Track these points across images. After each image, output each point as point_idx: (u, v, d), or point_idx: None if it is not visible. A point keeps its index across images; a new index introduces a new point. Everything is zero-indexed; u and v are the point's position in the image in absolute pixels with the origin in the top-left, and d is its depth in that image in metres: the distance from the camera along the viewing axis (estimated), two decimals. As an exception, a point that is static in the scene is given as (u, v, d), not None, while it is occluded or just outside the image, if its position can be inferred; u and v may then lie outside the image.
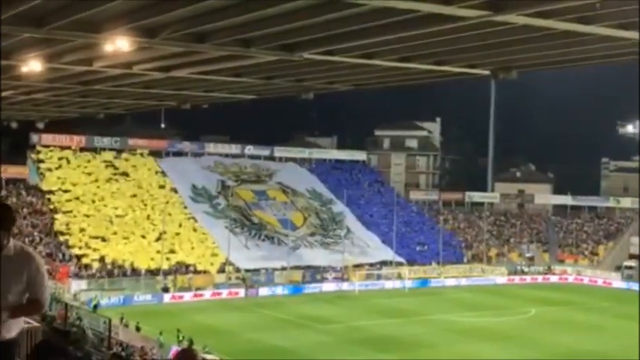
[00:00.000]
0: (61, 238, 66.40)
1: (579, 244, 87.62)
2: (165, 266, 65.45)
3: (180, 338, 43.28)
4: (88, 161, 78.65)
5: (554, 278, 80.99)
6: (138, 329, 47.66)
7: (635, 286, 75.69)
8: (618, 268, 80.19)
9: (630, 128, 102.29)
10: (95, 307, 52.06)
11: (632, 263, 79.80)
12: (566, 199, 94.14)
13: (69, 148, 78.67)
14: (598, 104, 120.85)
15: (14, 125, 59.68)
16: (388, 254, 77.30)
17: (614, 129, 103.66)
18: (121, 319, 47.82)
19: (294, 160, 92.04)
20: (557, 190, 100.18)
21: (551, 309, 63.18)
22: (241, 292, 65.60)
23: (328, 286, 69.80)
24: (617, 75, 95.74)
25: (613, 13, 17.36)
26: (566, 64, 26.79)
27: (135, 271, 64.71)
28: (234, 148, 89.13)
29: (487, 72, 26.23)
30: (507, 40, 20.79)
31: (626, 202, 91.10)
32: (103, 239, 67.64)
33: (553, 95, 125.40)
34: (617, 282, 77.89)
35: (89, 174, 76.91)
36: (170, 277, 64.69)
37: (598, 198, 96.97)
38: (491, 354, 46.32)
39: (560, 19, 17.55)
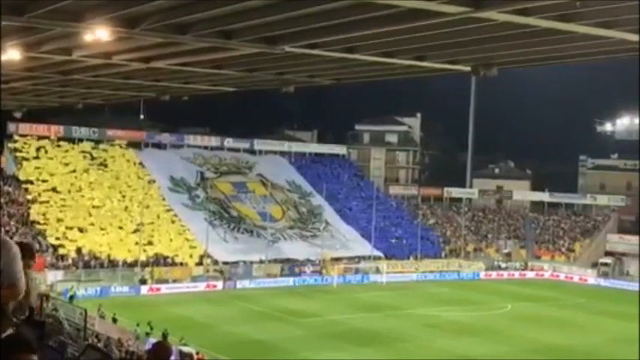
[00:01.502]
0: (38, 228, 65.95)
1: (556, 241, 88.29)
2: (142, 258, 65.17)
3: (151, 330, 43.19)
4: (66, 151, 78.09)
5: (530, 274, 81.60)
6: (114, 321, 47.46)
7: (609, 283, 76.53)
8: (594, 265, 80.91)
9: (608, 126, 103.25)
10: (71, 298, 51.73)
11: (608, 260, 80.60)
12: (544, 196, 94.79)
13: (47, 137, 78.04)
14: (576, 102, 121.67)
15: (-9, 114, 59.12)
16: (366, 248, 77.46)
17: (592, 127, 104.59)
18: (99, 309, 47.59)
19: (274, 152, 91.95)
20: (535, 187, 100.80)
21: (527, 305, 63.67)
22: (219, 284, 65.54)
23: (306, 279, 69.98)
24: (595, 73, 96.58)
25: (593, 12, 17.48)
26: (546, 62, 26.95)
27: (112, 263, 64.40)
28: (213, 141, 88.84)
29: (468, 68, 26.31)
30: (488, 37, 20.86)
31: (603, 200, 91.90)
32: (80, 230, 67.23)
33: (532, 93, 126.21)
34: (593, 279, 78.61)
35: (67, 164, 76.38)
36: (147, 269, 64.47)
37: (575, 195, 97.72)
38: (467, 348, 46.64)
39: (540, 17, 17.64)
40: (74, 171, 75.76)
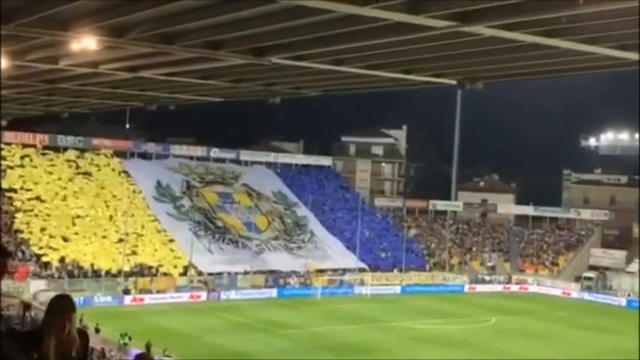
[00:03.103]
0: (22, 237, 65.49)
1: (540, 255, 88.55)
2: (126, 268, 64.80)
3: (129, 340, 43.01)
4: (51, 160, 77.66)
5: (514, 287, 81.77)
6: (97, 331, 47.15)
7: (592, 297, 76.77)
8: (578, 279, 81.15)
9: (592, 141, 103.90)
10: (54, 307, 51.32)
11: (592, 274, 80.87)
12: (528, 210, 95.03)
13: (32, 146, 77.62)
14: (561, 117, 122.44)
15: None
16: (351, 260, 77.41)
17: (577, 142, 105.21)
18: (80, 320, 47.27)
19: (259, 163, 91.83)
20: (520, 201, 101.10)
21: (511, 318, 63.78)
22: (203, 295, 65.27)
23: (290, 291, 69.84)
24: (580, 88, 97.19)
25: (578, 28, 17.66)
26: (531, 76, 27.16)
27: (95, 272, 64.01)
28: (199, 151, 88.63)
29: (454, 82, 26.46)
30: (474, 51, 21.00)
31: (587, 214, 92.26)
32: (64, 239, 66.82)
33: (517, 107, 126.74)
34: (577, 292, 78.82)
35: (51, 173, 75.96)
36: (131, 279, 64.12)
37: (559, 209, 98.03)
38: (451, 361, 46.67)
39: (526, 32, 17.79)
40: (59, 179, 75.35)
